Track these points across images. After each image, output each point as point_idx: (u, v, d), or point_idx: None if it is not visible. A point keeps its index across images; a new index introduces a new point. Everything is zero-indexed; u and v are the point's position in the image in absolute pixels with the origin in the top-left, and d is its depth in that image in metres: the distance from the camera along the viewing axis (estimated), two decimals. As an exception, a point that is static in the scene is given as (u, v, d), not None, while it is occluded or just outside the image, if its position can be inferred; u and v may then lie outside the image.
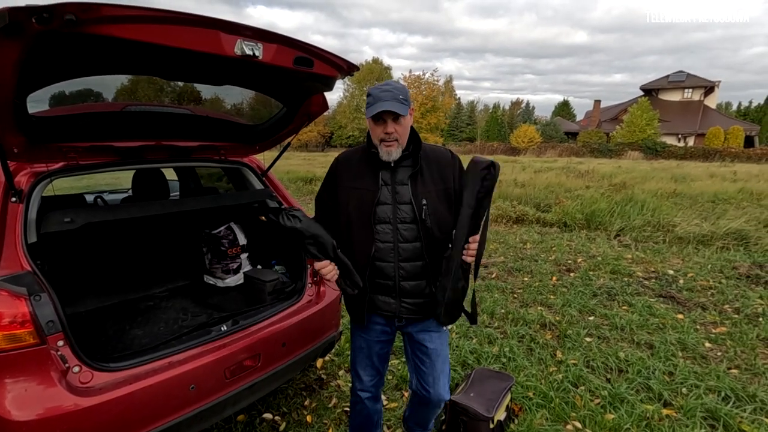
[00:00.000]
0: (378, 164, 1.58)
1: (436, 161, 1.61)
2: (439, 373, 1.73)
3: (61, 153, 1.74)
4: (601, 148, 34.03)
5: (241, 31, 1.41)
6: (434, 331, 1.72)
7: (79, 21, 1.06)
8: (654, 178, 12.59)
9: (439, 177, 1.59)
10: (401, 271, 1.60)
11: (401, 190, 1.57)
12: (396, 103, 1.45)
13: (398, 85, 1.52)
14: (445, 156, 1.64)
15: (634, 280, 4.52)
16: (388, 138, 1.51)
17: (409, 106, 1.51)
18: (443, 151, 1.67)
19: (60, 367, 1.43)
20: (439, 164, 1.61)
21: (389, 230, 1.57)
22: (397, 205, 1.56)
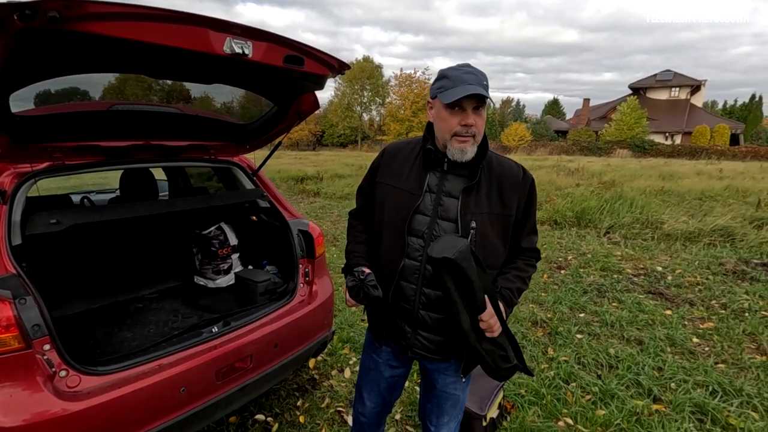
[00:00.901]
0: (429, 164, 1.32)
1: (500, 177, 1.30)
2: (445, 420, 1.49)
3: (46, 153, 1.71)
4: (590, 147, 34.39)
5: (230, 29, 1.40)
6: (450, 375, 1.44)
7: (63, 18, 1.04)
8: (642, 176, 12.76)
9: (500, 198, 1.28)
10: (422, 298, 1.33)
11: (448, 203, 1.28)
12: (482, 88, 1.16)
13: (479, 70, 1.22)
14: (513, 173, 1.31)
15: (623, 276, 4.57)
16: (466, 132, 1.21)
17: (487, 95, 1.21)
18: (513, 167, 1.33)
19: (46, 371, 1.40)
20: (503, 182, 1.29)
21: (420, 247, 1.30)
22: (436, 220, 1.28)
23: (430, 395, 1.50)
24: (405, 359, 1.51)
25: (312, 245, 2.29)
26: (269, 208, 2.43)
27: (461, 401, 1.50)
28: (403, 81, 44.79)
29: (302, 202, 9.55)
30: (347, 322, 3.41)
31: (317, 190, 10.75)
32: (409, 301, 1.35)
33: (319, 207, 8.86)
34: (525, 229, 1.37)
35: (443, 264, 1.15)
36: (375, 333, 1.50)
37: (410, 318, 1.37)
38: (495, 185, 1.28)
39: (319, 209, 8.60)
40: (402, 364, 1.53)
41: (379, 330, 1.47)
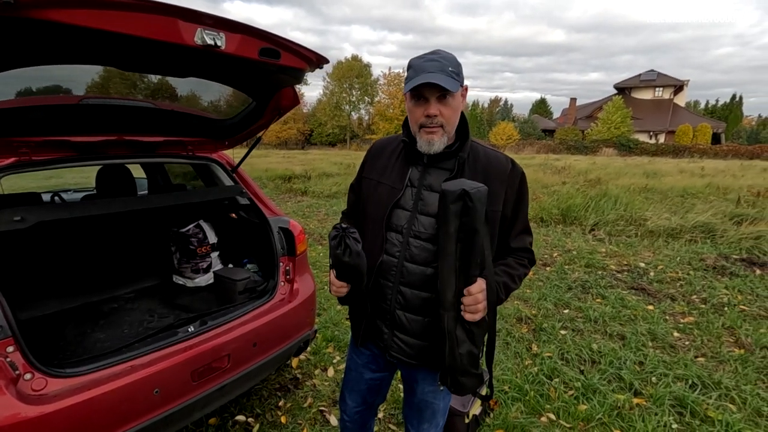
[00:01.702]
0: (410, 158, 1.27)
1: (485, 170, 1.20)
2: (425, 428, 1.44)
3: (11, 148, 1.64)
4: (577, 145, 34.82)
5: (201, 20, 1.35)
6: (428, 383, 1.37)
7: (18, 4, 0.99)
8: (627, 174, 12.94)
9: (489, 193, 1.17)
10: (399, 297, 1.27)
11: (428, 197, 1.22)
12: (443, 75, 1.10)
13: (448, 54, 1.16)
14: (500, 165, 1.21)
15: (607, 273, 4.62)
16: (431, 123, 1.15)
17: (461, 83, 1.15)
18: (500, 159, 1.23)
19: (9, 374, 1.34)
20: (489, 175, 1.19)
21: (398, 242, 1.25)
22: (416, 215, 1.23)
23: (410, 401, 1.46)
24: (385, 363, 1.45)
25: (293, 243, 2.26)
26: (249, 205, 2.38)
27: (441, 409, 1.44)
28: (392, 80, 44.80)
29: (289, 201, 9.47)
30: (332, 321, 3.37)
31: (305, 189, 10.67)
32: (386, 300, 1.30)
33: (306, 206, 8.80)
34: (515, 226, 1.27)
35: (456, 199, 1.05)
36: (355, 333, 1.46)
37: (387, 318, 1.32)
38: (480, 178, 1.16)
39: (306, 208, 8.54)
40: (382, 368, 1.48)
41: (357, 329, 1.43)
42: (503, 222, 1.24)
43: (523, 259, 1.30)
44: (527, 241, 1.31)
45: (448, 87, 1.09)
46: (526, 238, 1.31)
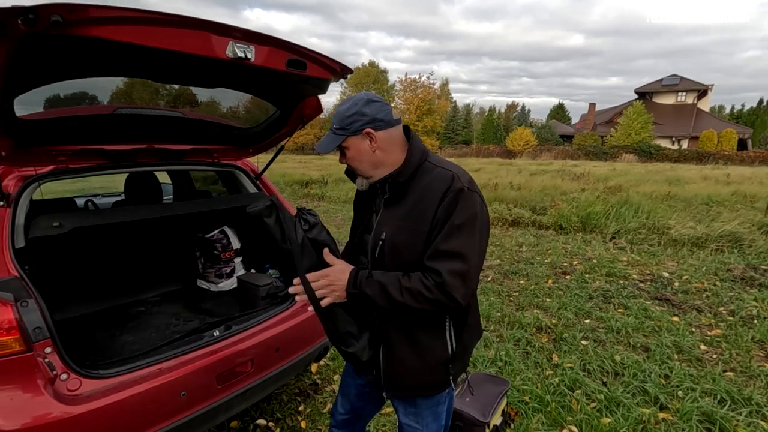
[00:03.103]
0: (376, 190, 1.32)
1: (422, 191, 1.18)
2: None
3: (50, 156, 1.72)
4: (596, 151, 34.25)
5: (232, 33, 1.40)
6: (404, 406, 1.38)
7: (66, 22, 1.05)
8: (648, 181, 12.67)
9: (419, 212, 1.16)
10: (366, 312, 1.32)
11: (375, 218, 1.29)
12: (328, 134, 1.22)
13: (343, 107, 1.21)
14: (436, 187, 1.16)
15: (629, 282, 4.52)
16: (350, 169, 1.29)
17: (346, 134, 1.18)
18: (440, 180, 1.17)
19: (47, 374, 1.40)
20: (424, 194, 1.17)
21: (366, 262, 1.30)
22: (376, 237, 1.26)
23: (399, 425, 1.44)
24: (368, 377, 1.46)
25: None
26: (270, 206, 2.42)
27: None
28: (408, 86, 44.89)
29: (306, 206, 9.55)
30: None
31: (322, 194, 10.77)
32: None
33: (323, 211, 8.87)
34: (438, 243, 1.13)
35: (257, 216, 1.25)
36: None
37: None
38: (418, 199, 1.18)
39: (323, 213, 8.61)
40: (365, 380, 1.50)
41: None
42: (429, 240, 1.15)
43: (428, 279, 1.13)
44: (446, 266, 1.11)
45: (320, 151, 1.23)
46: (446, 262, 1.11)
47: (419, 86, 44.47)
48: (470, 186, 1.17)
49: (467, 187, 1.15)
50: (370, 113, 1.18)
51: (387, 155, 1.22)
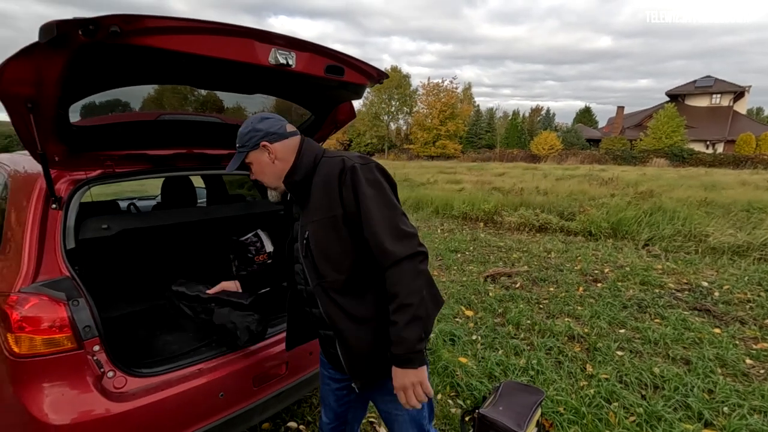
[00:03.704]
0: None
1: (323, 182, 1.26)
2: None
3: (98, 161, 1.78)
4: (624, 155, 33.28)
5: (274, 40, 1.42)
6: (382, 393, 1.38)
7: (123, 33, 1.09)
8: (682, 186, 12.20)
9: (326, 201, 1.24)
10: (313, 318, 1.40)
11: (297, 227, 1.38)
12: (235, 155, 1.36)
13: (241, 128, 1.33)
14: (332, 171, 1.23)
15: (665, 291, 4.35)
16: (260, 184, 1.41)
17: (247, 150, 1.31)
18: (333, 165, 1.25)
19: (95, 372, 1.45)
20: (325, 184, 1.25)
21: (299, 270, 1.38)
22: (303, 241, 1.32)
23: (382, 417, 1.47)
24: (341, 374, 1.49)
25: None
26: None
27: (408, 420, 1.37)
28: (431, 90, 44.85)
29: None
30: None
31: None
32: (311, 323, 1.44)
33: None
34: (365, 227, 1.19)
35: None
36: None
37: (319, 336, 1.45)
38: (321, 191, 1.26)
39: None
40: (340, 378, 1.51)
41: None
42: (353, 222, 1.22)
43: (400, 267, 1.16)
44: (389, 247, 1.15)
45: (227, 170, 1.38)
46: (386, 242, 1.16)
47: (442, 91, 44.37)
48: (362, 161, 1.25)
49: (359, 163, 1.24)
50: (264, 128, 1.30)
51: (286, 164, 1.31)
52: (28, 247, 1.51)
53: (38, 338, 1.36)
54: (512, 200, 9.18)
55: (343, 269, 1.25)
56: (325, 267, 1.26)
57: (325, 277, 1.27)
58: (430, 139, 43.25)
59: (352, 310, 1.26)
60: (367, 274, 1.27)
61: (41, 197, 1.61)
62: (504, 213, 8.28)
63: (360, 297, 1.27)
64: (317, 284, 1.29)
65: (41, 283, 1.44)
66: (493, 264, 5.48)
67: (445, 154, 41.92)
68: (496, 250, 6.21)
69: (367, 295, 1.28)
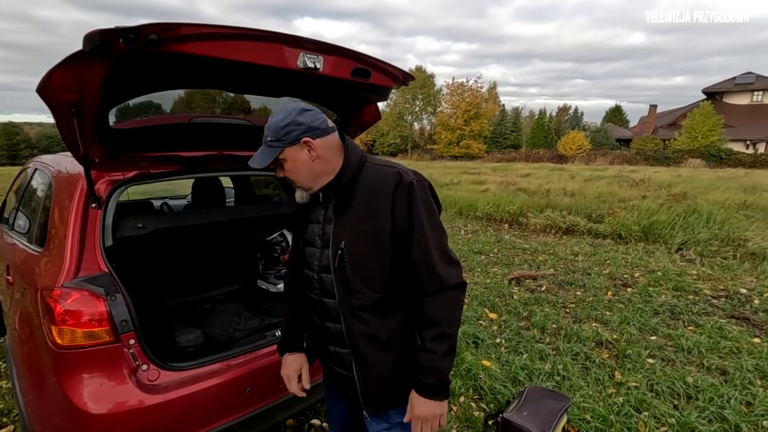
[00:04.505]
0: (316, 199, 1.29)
1: (371, 191, 1.17)
2: None
3: (134, 162, 1.86)
4: (657, 156, 32.09)
5: (303, 45, 1.45)
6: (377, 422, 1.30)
7: (161, 40, 1.13)
8: (720, 188, 11.67)
9: (372, 212, 1.15)
10: (326, 333, 1.29)
11: (328, 229, 1.22)
12: (262, 148, 1.19)
13: (276, 119, 1.16)
14: (385, 182, 1.16)
15: (700, 298, 4.18)
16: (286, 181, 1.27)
17: (283, 145, 1.15)
18: (387, 176, 1.17)
19: (131, 364, 1.51)
20: (375, 194, 1.16)
21: (314, 280, 1.27)
22: (324, 250, 1.23)
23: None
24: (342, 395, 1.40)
25: None
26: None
27: None
28: (455, 90, 44.50)
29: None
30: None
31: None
32: (320, 338, 1.33)
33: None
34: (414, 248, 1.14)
35: None
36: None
37: (326, 354, 1.33)
38: (369, 199, 1.16)
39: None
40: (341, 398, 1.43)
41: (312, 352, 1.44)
42: (400, 240, 1.15)
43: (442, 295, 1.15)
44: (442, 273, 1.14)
45: (255, 166, 1.17)
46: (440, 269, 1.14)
47: (466, 90, 43.94)
48: (417, 177, 1.19)
49: (416, 179, 1.17)
50: (306, 122, 1.15)
51: (326, 163, 1.19)
52: (70, 244, 1.59)
53: (79, 331, 1.43)
54: (538, 201, 9.00)
55: (378, 287, 1.18)
56: (358, 282, 1.17)
57: (355, 292, 1.17)
58: (454, 139, 42.91)
59: (377, 332, 1.19)
60: (397, 296, 1.21)
61: (82, 197, 1.69)
62: (529, 214, 8.13)
63: (386, 318, 1.20)
64: (344, 299, 1.19)
65: (82, 278, 1.52)
66: (517, 266, 5.39)
67: (469, 155, 41.52)
68: (521, 252, 6.11)
69: (392, 317, 1.21)
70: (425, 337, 1.15)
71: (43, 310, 1.48)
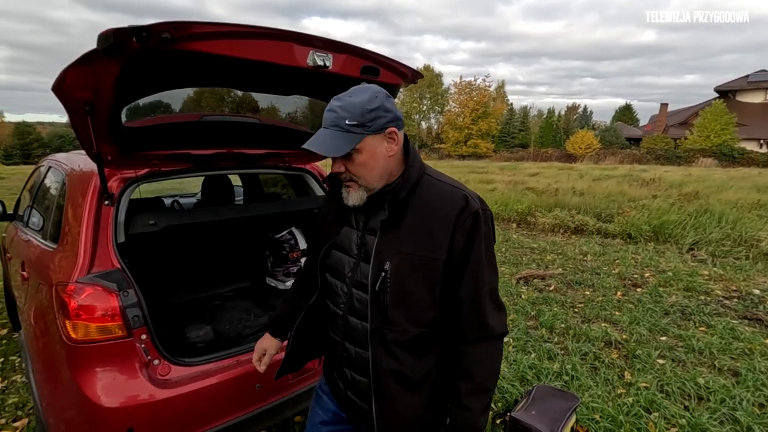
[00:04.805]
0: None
1: (428, 209, 1.01)
2: None
3: (146, 160, 1.88)
4: (667, 155, 31.66)
5: (313, 43, 1.46)
6: None
7: (173, 39, 1.15)
8: (732, 188, 11.49)
9: (427, 235, 0.99)
10: (345, 354, 1.12)
11: (370, 241, 1.05)
12: (334, 132, 0.97)
13: (356, 99, 0.97)
14: (448, 204, 1.00)
15: (712, 299, 4.13)
16: (342, 177, 1.04)
17: (366, 132, 0.96)
18: (451, 197, 1.01)
19: (143, 359, 1.53)
20: (432, 214, 1.00)
21: (342, 293, 1.10)
22: (359, 262, 1.06)
23: None
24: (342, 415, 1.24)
25: None
26: None
27: None
28: (463, 89, 44.29)
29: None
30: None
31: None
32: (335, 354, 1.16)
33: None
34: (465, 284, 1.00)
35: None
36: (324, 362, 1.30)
37: (339, 371, 1.17)
38: (425, 220, 1.00)
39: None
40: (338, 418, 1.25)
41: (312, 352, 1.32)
42: (452, 272, 1.00)
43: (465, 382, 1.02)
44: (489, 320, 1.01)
45: (326, 153, 0.96)
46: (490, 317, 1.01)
47: (474, 89, 43.72)
48: (482, 205, 1.03)
49: (481, 208, 1.01)
50: (392, 109, 0.99)
51: (396, 164, 1.04)
52: (83, 240, 1.61)
53: (92, 325, 1.46)
54: (546, 201, 8.94)
55: (421, 322, 1.02)
56: (398, 314, 1.01)
57: (393, 324, 1.01)
58: (462, 138, 42.74)
59: (409, 372, 1.04)
60: (437, 334, 1.06)
61: (96, 194, 1.72)
62: (538, 214, 8.09)
63: (421, 358, 1.05)
64: (378, 329, 1.03)
65: (95, 274, 1.54)
66: (525, 266, 5.37)
67: (476, 154, 41.33)
68: (529, 252, 6.08)
69: (428, 357, 1.06)
70: (460, 391, 1.02)
71: (57, 305, 1.51)
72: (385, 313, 1.00)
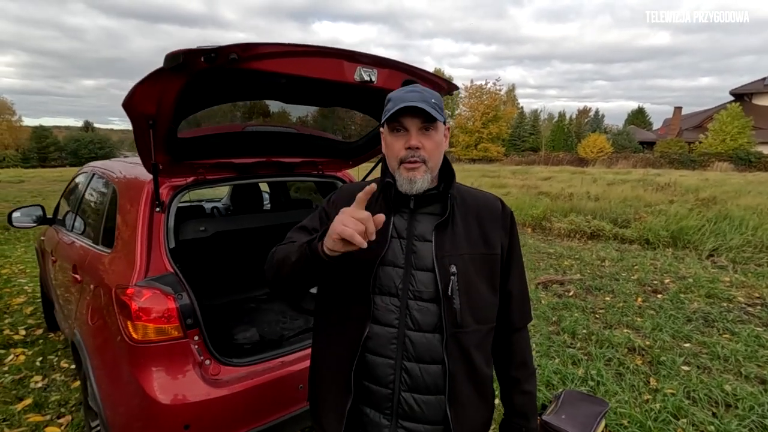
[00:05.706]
0: (393, 205, 1.05)
1: (478, 210, 1.07)
2: None
3: (192, 169, 1.97)
4: (682, 159, 31.26)
5: (360, 59, 1.54)
6: None
7: (240, 59, 1.23)
8: (750, 193, 11.33)
9: (481, 235, 1.04)
10: (404, 377, 1.00)
11: (421, 248, 1.01)
12: (427, 104, 0.95)
13: (431, 90, 1.02)
14: (492, 205, 1.10)
15: (735, 305, 4.11)
16: (413, 156, 0.98)
17: (444, 118, 1.00)
18: (490, 198, 1.13)
19: (196, 359, 1.61)
20: (482, 215, 1.07)
21: (394, 308, 1.01)
22: (411, 271, 1.01)
23: None
24: None
25: None
26: None
27: None
28: (474, 92, 44.31)
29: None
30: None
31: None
32: (383, 383, 1.01)
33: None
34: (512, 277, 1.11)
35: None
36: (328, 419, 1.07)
37: (387, 406, 1.02)
38: (473, 219, 1.05)
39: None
40: None
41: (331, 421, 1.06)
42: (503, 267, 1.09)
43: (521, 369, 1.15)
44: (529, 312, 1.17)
45: (432, 113, 0.94)
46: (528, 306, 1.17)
47: (485, 93, 43.70)
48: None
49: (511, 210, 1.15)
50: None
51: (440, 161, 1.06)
52: (139, 245, 1.70)
53: (151, 326, 1.54)
54: (561, 206, 8.93)
55: (488, 320, 1.07)
56: (468, 315, 1.01)
57: (463, 326, 1.00)
58: (472, 142, 42.72)
59: (481, 375, 1.06)
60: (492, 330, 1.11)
61: (148, 201, 1.81)
62: (553, 219, 8.08)
63: (489, 358, 1.10)
64: (453, 334, 1.00)
65: (152, 278, 1.63)
66: (543, 271, 5.38)
67: (487, 158, 41.26)
68: (546, 257, 6.09)
69: (489, 355, 1.11)
70: (518, 379, 1.13)
71: (118, 306, 1.60)
72: (455, 317, 0.99)
